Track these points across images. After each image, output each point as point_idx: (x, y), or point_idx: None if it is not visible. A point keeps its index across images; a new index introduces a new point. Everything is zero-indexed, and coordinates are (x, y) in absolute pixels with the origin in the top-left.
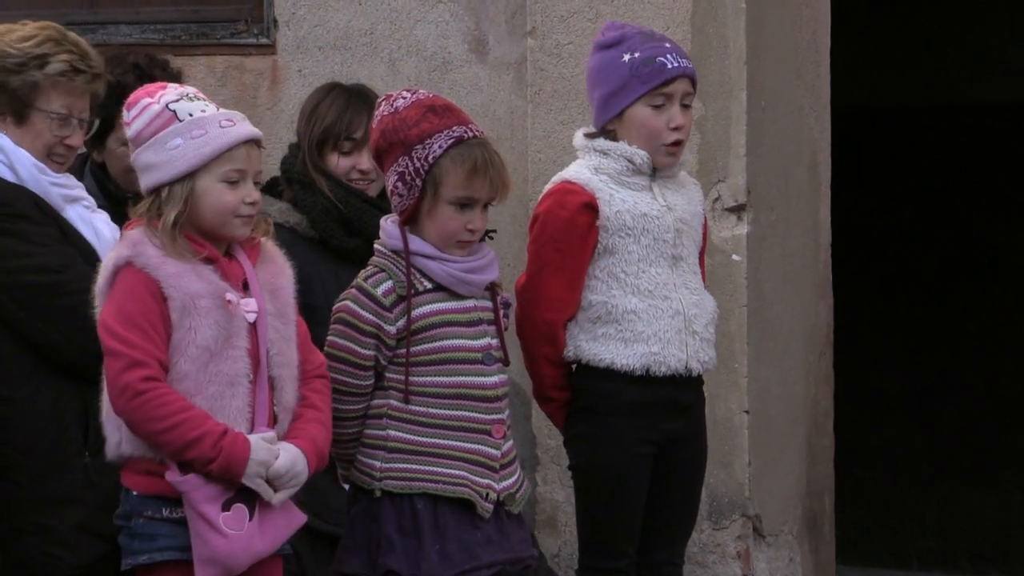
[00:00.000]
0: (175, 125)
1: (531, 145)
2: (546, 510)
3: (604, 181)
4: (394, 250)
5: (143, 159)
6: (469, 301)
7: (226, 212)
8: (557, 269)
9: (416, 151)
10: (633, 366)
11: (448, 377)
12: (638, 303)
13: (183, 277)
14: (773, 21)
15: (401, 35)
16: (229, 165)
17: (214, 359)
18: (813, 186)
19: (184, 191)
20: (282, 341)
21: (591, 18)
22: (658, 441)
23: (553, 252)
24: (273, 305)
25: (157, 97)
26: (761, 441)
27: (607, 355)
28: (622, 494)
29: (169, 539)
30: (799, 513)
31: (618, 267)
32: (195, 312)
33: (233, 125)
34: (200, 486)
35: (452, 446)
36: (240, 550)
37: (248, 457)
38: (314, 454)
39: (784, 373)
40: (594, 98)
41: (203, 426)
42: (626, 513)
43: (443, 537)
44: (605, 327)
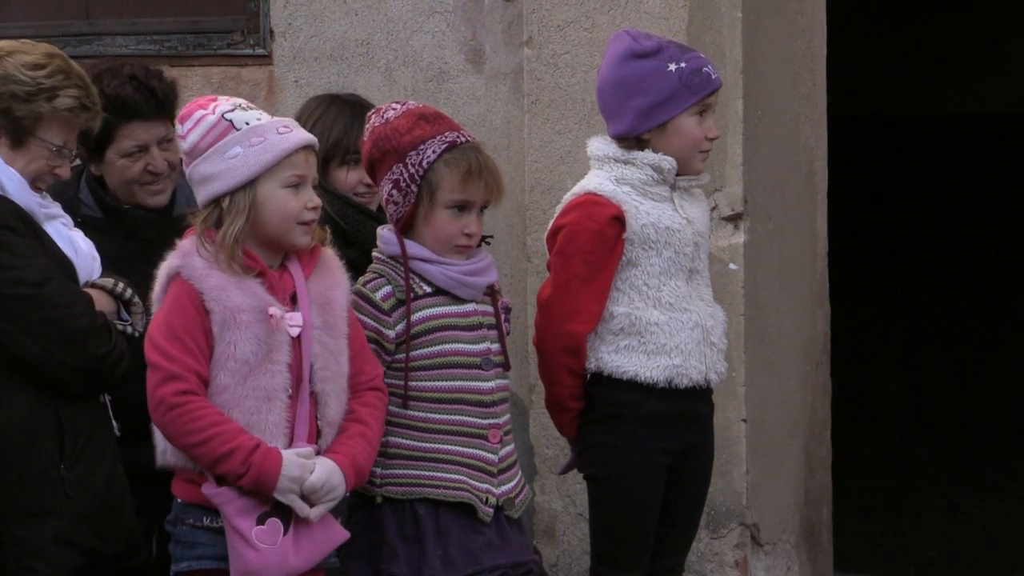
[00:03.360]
0: (233, 134)
1: (528, 155)
2: (544, 519)
3: (628, 192)
4: (392, 256)
5: (201, 171)
6: (469, 305)
7: (290, 218)
8: (586, 281)
9: (410, 157)
10: (656, 378)
11: (446, 382)
12: (660, 316)
13: (225, 290)
14: (769, 31)
15: (397, 45)
16: (290, 171)
17: (253, 373)
18: (810, 195)
19: (247, 199)
20: (328, 355)
21: (588, 28)
22: (675, 451)
23: (582, 264)
24: (322, 318)
25: (211, 108)
26: (759, 450)
27: (630, 367)
28: (641, 504)
29: (208, 548)
30: (797, 522)
31: (640, 279)
32: (235, 326)
33: (290, 131)
34: (233, 499)
35: (450, 450)
36: (273, 564)
37: (279, 472)
38: (352, 470)
39: (782, 382)
40: (630, 107)
41: (234, 440)
42: (644, 523)
43: (445, 542)
44: (628, 339)
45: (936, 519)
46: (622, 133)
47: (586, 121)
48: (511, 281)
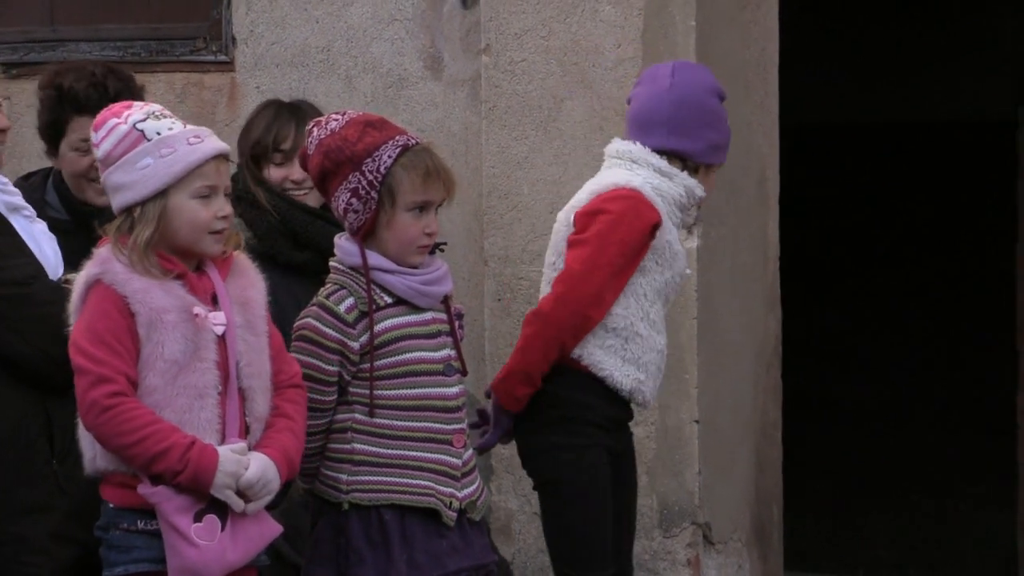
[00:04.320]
0: (144, 145)
1: (485, 160)
2: (500, 518)
3: (660, 205)
4: (352, 267)
5: (114, 179)
6: (428, 314)
7: (200, 228)
8: (616, 273)
9: (366, 165)
10: (622, 386)
11: (411, 389)
12: (644, 329)
13: (149, 293)
14: (722, 40)
15: (357, 52)
16: (200, 181)
17: (182, 372)
18: (762, 201)
19: (156, 210)
20: (252, 352)
21: (544, 36)
22: (615, 454)
23: (618, 255)
24: (243, 317)
25: (124, 117)
26: (711, 451)
27: (607, 367)
28: (605, 503)
29: (144, 551)
30: (748, 521)
31: (642, 290)
32: (161, 327)
33: (201, 141)
34: (171, 497)
35: (416, 457)
36: (212, 560)
37: (216, 468)
38: (285, 463)
39: (733, 384)
40: (706, 136)
41: (170, 439)
42: (608, 521)
43: (411, 547)
44: (614, 340)
45: (885, 519)
46: (688, 153)
47: (543, 127)
48: (468, 284)
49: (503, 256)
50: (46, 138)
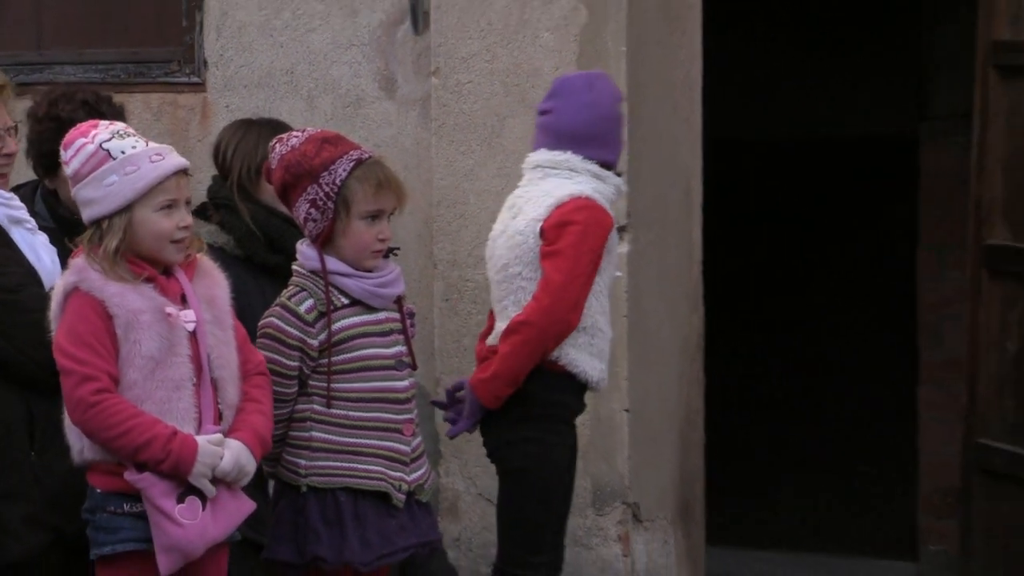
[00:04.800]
0: (109, 163)
1: (435, 173)
2: (448, 498)
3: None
4: (312, 270)
5: (83, 195)
6: (381, 313)
7: (163, 238)
8: (588, 279)
9: (323, 178)
10: (592, 378)
11: (365, 383)
12: (603, 323)
13: (124, 296)
14: (651, 62)
15: (318, 75)
16: (163, 196)
17: (159, 367)
18: (687, 209)
19: (123, 222)
20: (221, 345)
21: (488, 60)
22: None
23: (591, 263)
24: (210, 314)
25: (91, 137)
26: (639, 437)
27: (580, 363)
28: (565, 492)
29: (130, 531)
30: (673, 500)
31: (599, 288)
32: (138, 326)
33: (162, 159)
34: (156, 482)
35: (369, 444)
36: (196, 537)
37: (195, 458)
38: (257, 443)
39: (660, 376)
40: (620, 142)
41: (152, 430)
42: (564, 509)
43: (363, 526)
44: (584, 338)
45: (798, 498)
46: (612, 161)
47: (487, 143)
48: (419, 285)
49: (451, 260)
50: (44, 164)
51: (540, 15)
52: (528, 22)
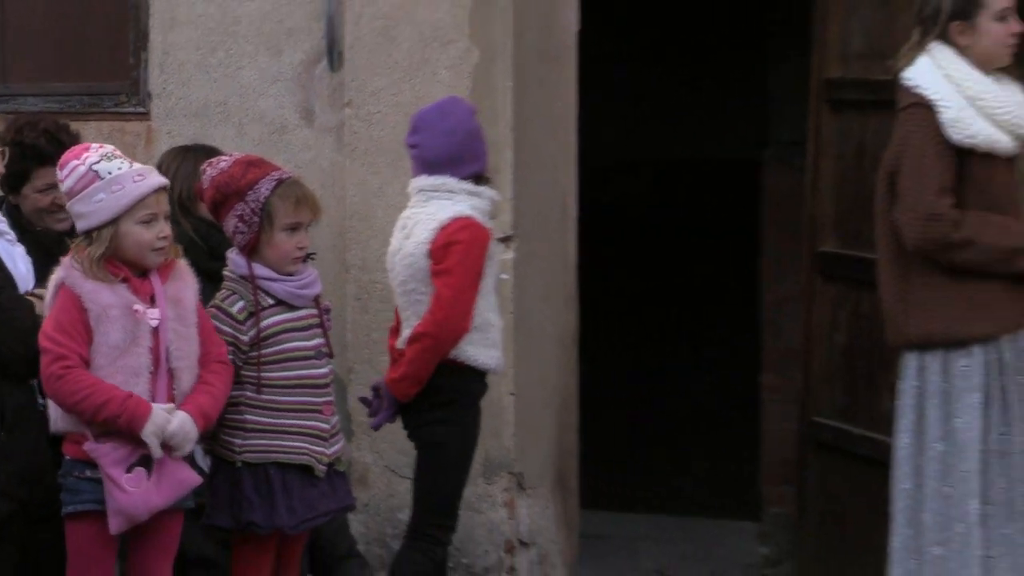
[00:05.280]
0: (98, 183)
1: (348, 190)
2: (359, 470)
3: (483, 220)
4: (242, 276)
5: (76, 209)
6: (302, 311)
7: (144, 247)
8: (475, 289)
9: (249, 195)
10: (490, 365)
11: (290, 372)
12: (492, 318)
13: (99, 293)
14: (534, 97)
15: (248, 106)
16: (144, 211)
17: (122, 355)
18: (563, 223)
19: (109, 233)
20: (181, 340)
21: (395, 93)
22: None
23: (475, 276)
24: (175, 312)
25: (83, 159)
26: (523, 416)
27: (478, 356)
28: (466, 465)
29: (89, 494)
30: (552, 471)
31: (485, 289)
32: (107, 319)
33: (144, 179)
34: (108, 453)
35: (294, 424)
36: (140, 503)
37: (148, 417)
38: (200, 416)
39: (541, 365)
40: (482, 152)
41: (110, 392)
42: (465, 480)
43: (290, 495)
44: (477, 335)
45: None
46: (481, 170)
47: (392, 165)
48: (333, 287)
49: (361, 265)
50: (10, 184)
51: (438, 55)
52: (428, 61)
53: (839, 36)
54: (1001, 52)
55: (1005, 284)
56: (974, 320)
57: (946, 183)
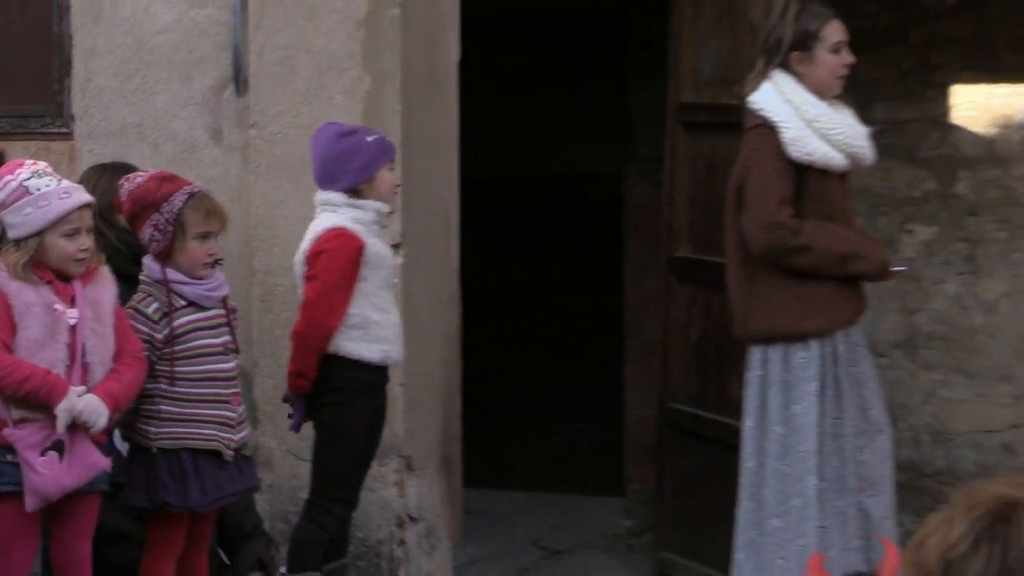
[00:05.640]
0: (27, 197)
1: (253, 203)
2: (264, 454)
3: (361, 230)
4: (156, 280)
5: (7, 220)
6: (211, 311)
7: (66, 258)
8: (340, 290)
9: (163, 207)
10: (374, 358)
11: (200, 366)
12: (378, 316)
13: (23, 292)
14: (420, 119)
15: (162, 127)
16: (68, 225)
17: (41, 350)
18: (446, 232)
19: (34, 244)
20: (97, 338)
21: (295, 116)
22: (374, 411)
23: (339, 280)
24: (93, 312)
25: (15, 174)
26: (412, 405)
27: (357, 351)
28: (357, 444)
29: (11, 476)
30: (437, 454)
31: (368, 290)
32: (29, 316)
33: (69, 196)
34: (24, 438)
35: (205, 413)
36: (52, 484)
37: (64, 393)
38: (110, 400)
39: (427, 359)
40: (350, 169)
41: (32, 369)
42: (358, 458)
43: (201, 477)
44: (358, 332)
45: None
46: (348, 188)
47: (293, 180)
48: (240, 290)
49: (266, 270)
50: None
51: (334, 82)
52: (325, 87)
53: (692, 65)
54: (835, 80)
55: (838, 285)
56: (811, 317)
57: (787, 196)
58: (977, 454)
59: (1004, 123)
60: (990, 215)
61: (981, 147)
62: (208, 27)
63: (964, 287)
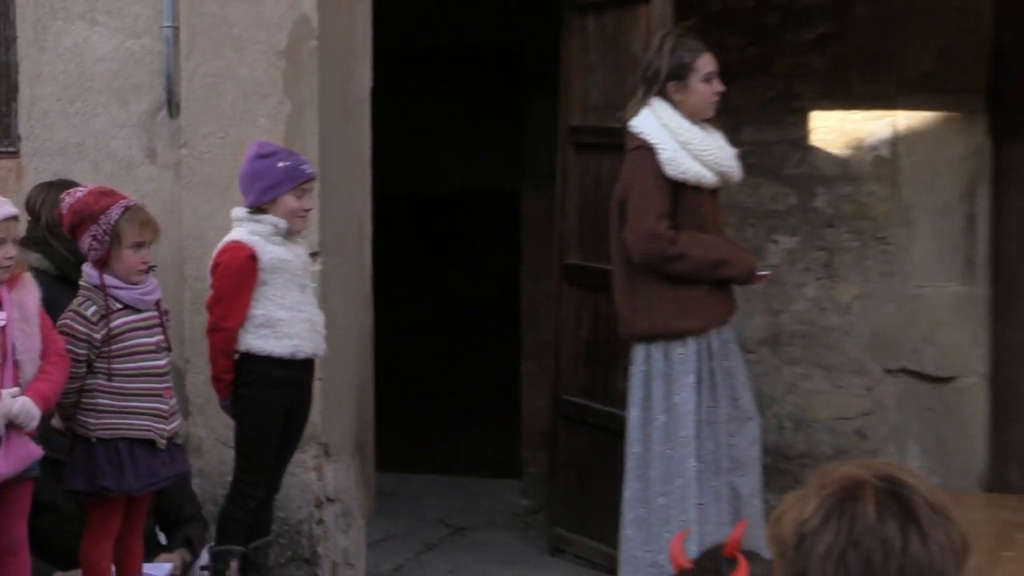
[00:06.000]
0: None
1: (184, 215)
2: (195, 442)
3: (258, 240)
4: (95, 285)
5: None
6: (145, 313)
7: None
8: (236, 296)
9: (101, 219)
10: (283, 353)
11: (135, 363)
12: (284, 314)
13: None
14: (335, 141)
15: (101, 146)
16: None
17: None
18: (360, 242)
19: None
20: (25, 337)
21: (223, 136)
22: (288, 405)
23: (231, 287)
24: (20, 315)
25: None
26: (329, 397)
27: (265, 347)
28: (267, 434)
29: None
30: (351, 441)
31: (271, 292)
32: None
33: None
34: None
35: (139, 406)
36: None
37: None
38: (41, 400)
39: (343, 356)
40: (255, 188)
41: None
42: (268, 446)
43: (136, 464)
44: (265, 330)
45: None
46: (251, 205)
47: (221, 195)
48: (172, 294)
49: (196, 276)
50: None
51: (258, 106)
52: (249, 111)
53: (580, 93)
54: (707, 107)
55: (711, 289)
56: (688, 317)
57: (664, 210)
58: (833, 439)
59: (857, 145)
60: (845, 227)
61: (837, 166)
62: (143, 56)
63: (822, 291)
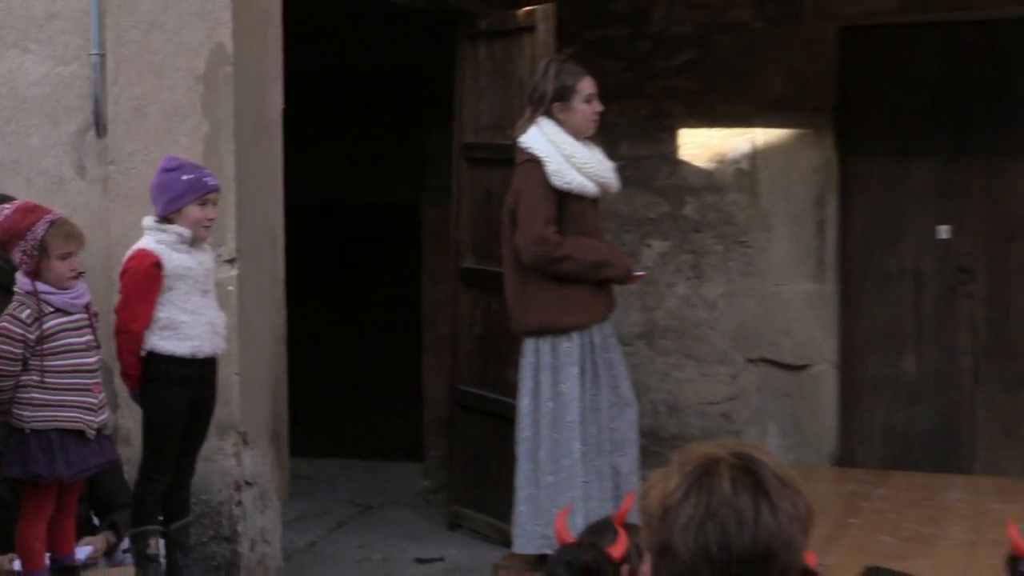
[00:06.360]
0: None
1: (112, 226)
2: (123, 432)
3: (163, 248)
4: (28, 292)
5: None
6: (76, 315)
7: None
8: (141, 300)
9: (28, 235)
10: (184, 353)
11: (67, 361)
12: (186, 317)
13: None
14: (250, 157)
15: (35, 163)
16: None
17: None
18: (273, 249)
19: None
20: None
21: (147, 154)
22: (193, 398)
23: (136, 291)
24: None
25: None
26: (246, 390)
27: (169, 347)
28: (170, 425)
29: None
30: (267, 430)
31: (174, 297)
32: None
33: None
34: None
35: (71, 400)
36: None
37: None
38: None
39: (259, 353)
40: (162, 200)
41: None
42: (172, 436)
43: (67, 453)
44: (168, 332)
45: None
46: (159, 215)
47: (145, 208)
48: (101, 297)
49: None
50: None
51: (178, 127)
52: (171, 131)
53: (473, 113)
54: (588, 125)
55: (593, 288)
56: (572, 314)
57: (551, 216)
58: (702, 422)
59: (720, 159)
60: (710, 232)
61: (703, 178)
62: (72, 81)
63: (691, 289)
